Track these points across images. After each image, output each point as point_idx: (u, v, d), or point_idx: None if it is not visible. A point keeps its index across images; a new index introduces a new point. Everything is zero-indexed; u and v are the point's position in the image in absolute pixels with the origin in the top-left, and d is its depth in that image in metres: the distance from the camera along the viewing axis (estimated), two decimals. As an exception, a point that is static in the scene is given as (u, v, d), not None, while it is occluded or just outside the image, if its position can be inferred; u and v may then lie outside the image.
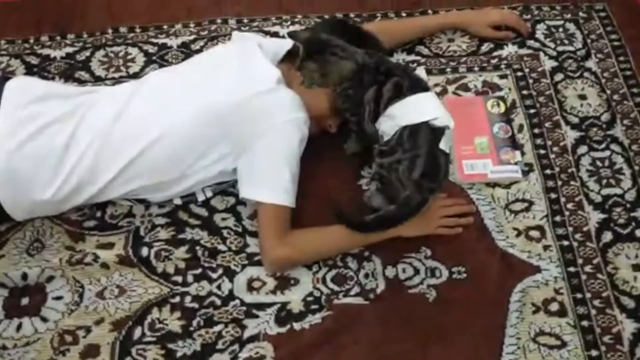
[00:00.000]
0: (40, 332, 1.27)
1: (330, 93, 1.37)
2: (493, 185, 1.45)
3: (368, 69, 1.35)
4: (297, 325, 1.28)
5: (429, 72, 1.63)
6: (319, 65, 1.36)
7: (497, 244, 1.37)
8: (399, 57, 1.67)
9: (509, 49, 1.69)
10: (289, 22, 1.75)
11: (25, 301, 1.30)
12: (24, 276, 1.32)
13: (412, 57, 1.66)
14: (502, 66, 1.65)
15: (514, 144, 1.50)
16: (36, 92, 1.37)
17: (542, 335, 1.26)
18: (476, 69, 1.65)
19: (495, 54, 1.68)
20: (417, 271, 1.34)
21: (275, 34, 1.71)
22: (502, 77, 1.63)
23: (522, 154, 1.49)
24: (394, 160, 1.30)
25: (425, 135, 1.28)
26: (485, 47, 1.69)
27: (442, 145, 1.29)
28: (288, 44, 1.50)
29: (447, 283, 1.33)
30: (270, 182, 1.32)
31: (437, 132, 1.29)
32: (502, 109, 1.56)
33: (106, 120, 1.33)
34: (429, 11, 1.77)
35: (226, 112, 1.32)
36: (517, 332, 1.26)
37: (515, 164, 1.47)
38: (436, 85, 1.61)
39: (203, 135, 1.33)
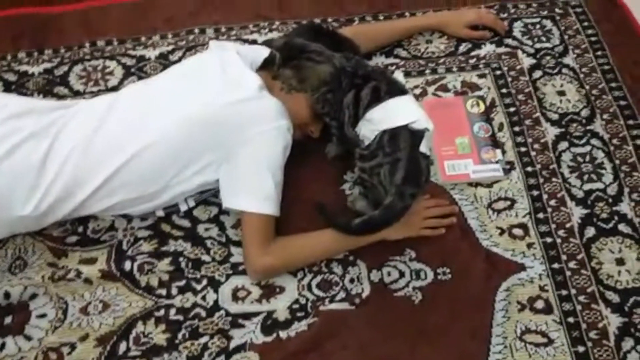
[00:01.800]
0: (24, 351, 1.25)
1: (310, 98, 1.37)
2: (475, 184, 1.45)
3: (346, 72, 1.35)
4: (283, 334, 1.27)
5: (407, 74, 1.63)
6: (295, 71, 1.36)
7: (481, 243, 1.37)
8: (378, 60, 1.67)
9: (487, 48, 1.69)
10: (266, 30, 1.74)
11: (8, 320, 1.29)
12: (7, 295, 1.31)
13: (391, 60, 1.67)
14: (481, 66, 1.66)
15: (495, 143, 1.51)
16: (11, 109, 1.36)
17: (528, 333, 1.26)
18: (455, 69, 1.65)
19: (473, 53, 1.69)
20: (402, 274, 1.34)
21: (254, 42, 1.71)
22: (480, 76, 1.64)
23: (503, 152, 1.50)
24: (375, 165, 1.30)
25: (405, 138, 1.28)
26: (463, 47, 1.70)
27: (423, 148, 1.29)
28: (266, 50, 1.50)
29: (432, 284, 1.32)
30: (254, 191, 1.32)
31: (416, 135, 1.29)
32: (482, 108, 1.56)
33: (85, 133, 1.33)
34: (406, 13, 1.77)
35: (209, 121, 1.31)
36: (504, 330, 1.26)
37: (497, 162, 1.47)
38: (416, 87, 1.61)
39: (187, 145, 1.32)
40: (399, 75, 1.41)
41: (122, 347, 1.25)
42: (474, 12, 1.73)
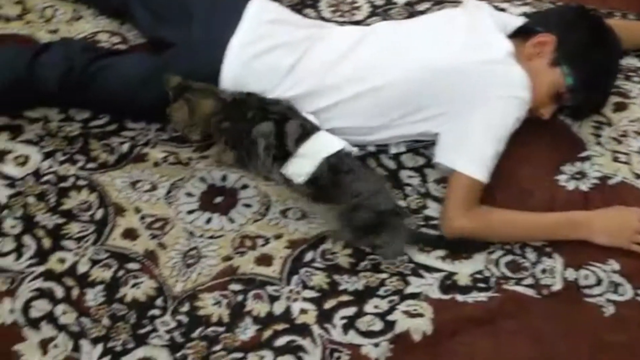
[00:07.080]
0: (225, 230, 1.36)
1: (559, 74, 1.34)
2: None
3: (247, 104, 1.32)
4: (460, 297, 1.26)
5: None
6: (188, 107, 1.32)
7: (697, 275, 1.25)
8: (630, 61, 1.56)
9: None
10: (519, 2, 1.69)
11: (218, 200, 1.41)
12: (224, 178, 1.43)
13: (645, 63, 1.55)
14: None
15: None
16: (271, 14, 1.46)
17: None
18: None
19: None
20: (599, 281, 1.26)
21: (502, 11, 1.67)
22: None
23: None
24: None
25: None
26: None
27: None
28: (517, 21, 1.47)
29: (628, 302, 1.24)
30: (474, 155, 1.31)
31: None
32: None
33: (332, 57, 1.39)
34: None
35: (454, 72, 1.32)
36: (697, 374, 1.15)
37: None
38: (666, 95, 1.49)
39: (422, 90, 1.34)
40: (309, 116, 1.36)
41: (309, 256, 1.32)
42: None
